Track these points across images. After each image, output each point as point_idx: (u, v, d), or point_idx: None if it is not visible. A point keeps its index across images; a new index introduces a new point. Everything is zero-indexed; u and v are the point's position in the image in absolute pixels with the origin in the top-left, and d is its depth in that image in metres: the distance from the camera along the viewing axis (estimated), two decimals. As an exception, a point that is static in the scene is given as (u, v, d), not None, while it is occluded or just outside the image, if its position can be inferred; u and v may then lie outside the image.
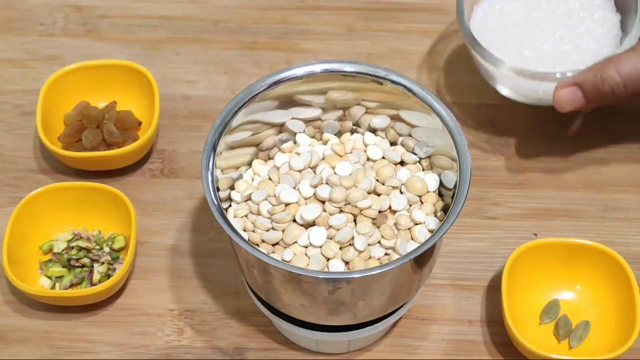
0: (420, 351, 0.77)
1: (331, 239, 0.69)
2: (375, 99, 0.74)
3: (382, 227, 0.69)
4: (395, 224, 0.70)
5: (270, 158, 0.76)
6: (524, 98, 0.84)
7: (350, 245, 0.69)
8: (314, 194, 0.70)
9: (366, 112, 0.75)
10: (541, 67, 0.81)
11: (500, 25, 0.85)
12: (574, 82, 0.78)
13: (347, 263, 0.68)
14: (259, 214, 0.70)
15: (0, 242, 0.79)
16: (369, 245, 0.69)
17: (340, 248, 0.69)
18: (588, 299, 0.78)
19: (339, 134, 0.77)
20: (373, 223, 0.70)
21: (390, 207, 0.71)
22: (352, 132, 0.77)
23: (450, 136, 0.70)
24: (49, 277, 0.79)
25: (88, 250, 0.80)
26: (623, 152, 0.87)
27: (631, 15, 0.83)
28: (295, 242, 0.69)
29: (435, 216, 0.71)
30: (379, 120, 0.75)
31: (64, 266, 0.80)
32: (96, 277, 0.79)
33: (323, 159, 0.73)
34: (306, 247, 0.69)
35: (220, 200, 0.69)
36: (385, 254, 0.69)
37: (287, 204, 0.70)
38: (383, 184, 0.71)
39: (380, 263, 0.69)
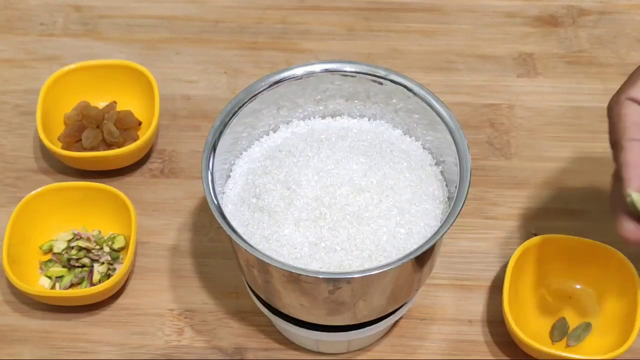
0: (420, 351, 0.77)
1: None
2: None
3: None
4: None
5: None
6: None
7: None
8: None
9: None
10: None
11: None
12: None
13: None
14: None
15: (0, 242, 0.79)
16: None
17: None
18: (589, 299, 0.78)
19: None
20: None
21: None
22: None
23: (450, 136, 0.70)
24: (49, 277, 0.79)
25: (88, 250, 0.80)
26: (623, 152, 0.87)
27: None
28: None
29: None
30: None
31: (64, 266, 0.80)
32: (96, 277, 0.79)
33: None
34: None
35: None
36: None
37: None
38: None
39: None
